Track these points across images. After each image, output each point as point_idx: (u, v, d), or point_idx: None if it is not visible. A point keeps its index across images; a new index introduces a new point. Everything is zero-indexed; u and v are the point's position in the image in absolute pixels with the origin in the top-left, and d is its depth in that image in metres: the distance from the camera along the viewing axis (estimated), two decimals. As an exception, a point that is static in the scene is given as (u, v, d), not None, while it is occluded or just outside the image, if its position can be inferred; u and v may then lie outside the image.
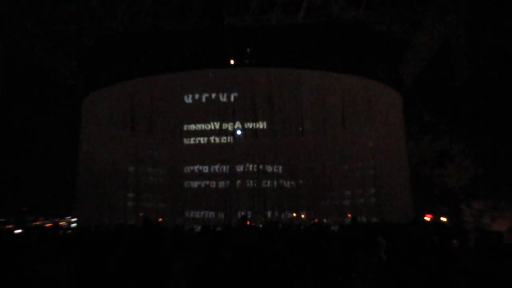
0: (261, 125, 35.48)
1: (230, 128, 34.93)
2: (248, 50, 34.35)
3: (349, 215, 31.18)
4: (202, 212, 33.90)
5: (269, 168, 35.47)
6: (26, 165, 35.75)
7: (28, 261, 10.82)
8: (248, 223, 17.59)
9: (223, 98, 34.70)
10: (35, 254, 11.30)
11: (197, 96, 35.47)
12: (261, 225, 26.72)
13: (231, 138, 34.88)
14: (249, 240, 13.37)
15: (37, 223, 39.38)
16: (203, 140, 35.85)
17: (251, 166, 34.41)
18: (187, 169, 36.16)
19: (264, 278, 10.56)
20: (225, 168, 34.75)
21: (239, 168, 34.50)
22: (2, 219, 33.87)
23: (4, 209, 34.51)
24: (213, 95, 34.89)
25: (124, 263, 12.01)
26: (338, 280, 11.56)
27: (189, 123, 36.02)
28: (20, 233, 21.96)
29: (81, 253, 13.15)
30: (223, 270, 11.46)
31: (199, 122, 35.72)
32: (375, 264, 11.31)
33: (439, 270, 10.55)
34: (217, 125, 35.25)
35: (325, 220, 33.80)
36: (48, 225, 38.36)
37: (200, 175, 35.25)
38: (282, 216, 34.22)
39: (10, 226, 32.22)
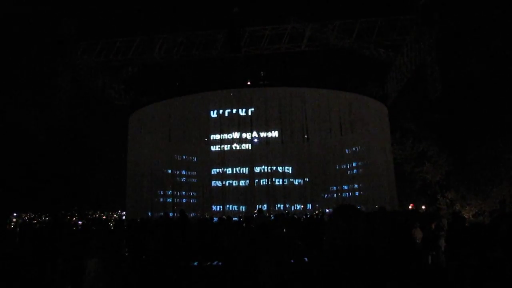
0: (274, 134, 35.90)
1: (248, 137, 35.05)
2: (262, 73, 34.57)
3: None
4: (227, 206, 34.37)
5: (280, 169, 35.87)
6: (86, 169, 36.46)
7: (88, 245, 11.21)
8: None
9: (242, 113, 34.85)
10: (95, 239, 11.47)
11: (221, 111, 35.57)
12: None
13: (249, 145, 35.18)
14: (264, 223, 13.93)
15: (95, 216, 40.21)
16: (226, 147, 35.85)
17: (266, 167, 34.76)
18: (214, 171, 36.35)
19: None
20: (245, 170, 35.23)
21: (256, 170, 34.99)
22: (68, 213, 34.71)
23: (70, 205, 35.34)
24: (234, 110, 35.09)
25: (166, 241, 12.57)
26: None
27: (214, 133, 36.19)
28: (82, 223, 22.59)
29: (132, 238, 13.79)
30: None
31: (223, 132, 35.52)
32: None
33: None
34: (238, 135, 35.26)
35: (326, 210, 34.19)
36: (103, 217, 39.01)
37: (225, 176, 35.27)
38: (292, 208, 34.60)
39: (74, 218, 33.09)
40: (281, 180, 35.66)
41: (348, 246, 3.54)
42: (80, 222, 24.74)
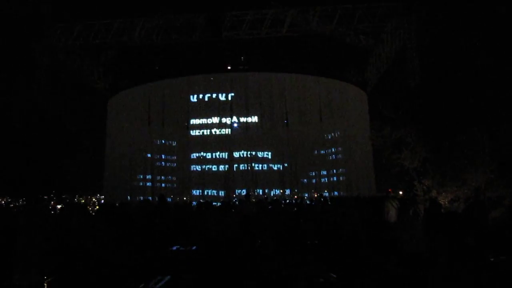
0: (253, 119, 35.99)
1: (228, 122, 35.14)
2: (242, 58, 34.57)
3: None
4: (206, 191, 34.51)
5: (260, 154, 36.09)
6: (64, 153, 36.13)
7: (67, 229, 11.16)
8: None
9: (222, 97, 34.94)
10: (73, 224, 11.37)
11: (200, 96, 35.59)
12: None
13: (229, 130, 35.29)
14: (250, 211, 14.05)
15: (75, 200, 40.03)
16: (206, 132, 36.06)
17: (245, 153, 34.96)
18: (193, 155, 36.49)
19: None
20: (224, 155, 35.34)
21: (236, 155, 35.13)
22: (46, 197, 34.39)
23: (48, 189, 35.05)
24: (214, 95, 35.14)
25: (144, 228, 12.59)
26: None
27: (194, 118, 36.14)
28: (60, 208, 22.40)
29: (109, 224, 13.75)
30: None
31: (203, 117, 35.69)
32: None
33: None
34: (217, 120, 35.43)
35: (306, 195, 34.54)
36: (82, 201, 38.81)
37: (204, 161, 35.44)
38: (272, 193, 34.87)
39: (52, 202, 32.93)
40: (260, 165, 35.91)
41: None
42: (59, 206, 24.67)
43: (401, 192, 33.94)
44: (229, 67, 33.43)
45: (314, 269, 10.39)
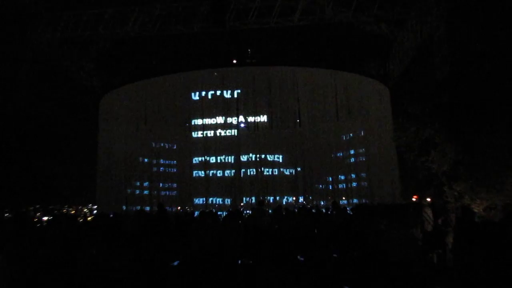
0: (262, 118, 35.98)
1: (234, 122, 35.21)
2: (249, 50, 34.59)
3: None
4: (210, 199, 34.54)
5: (270, 158, 36.06)
6: (51, 159, 36.12)
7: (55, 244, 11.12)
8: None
9: (227, 95, 34.88)
10: (62, 238, 11.38)
11: (203, 93, 35.54)
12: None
13: (235, 131, 35.32)
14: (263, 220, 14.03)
15: (63, 211, 40.02)
16: (209, 133, 36.08)
17: (253, 156, 34.93)
18: (195, 160, 36.57)
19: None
20: (230, 159, 35.33)
21: (243, 158, 35.10)
22: (31, 208, 34.37)
23: (34, 199, 34.97)
24: (218, 92, 35.05)
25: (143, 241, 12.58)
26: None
27: (196, 118, 36.29)
28: (47, 219, 22.40)
29: (102, 237, 13.72)
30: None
31: (206, 117, 35.71)
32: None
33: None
34: (222, 119, 35.50)
35: (322, 203, 34.42)
36: (72, 212, 38.90)
37: (208, 165, 35.41)
38: (283, 201, 34.82)
39: (39, 213, 32.92)
40: (270, 169, 35.90)
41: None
42: (45, 218, 24.69)
43: (429, 199, 33.84)
44: (234, 61, 33.44)
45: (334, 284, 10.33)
